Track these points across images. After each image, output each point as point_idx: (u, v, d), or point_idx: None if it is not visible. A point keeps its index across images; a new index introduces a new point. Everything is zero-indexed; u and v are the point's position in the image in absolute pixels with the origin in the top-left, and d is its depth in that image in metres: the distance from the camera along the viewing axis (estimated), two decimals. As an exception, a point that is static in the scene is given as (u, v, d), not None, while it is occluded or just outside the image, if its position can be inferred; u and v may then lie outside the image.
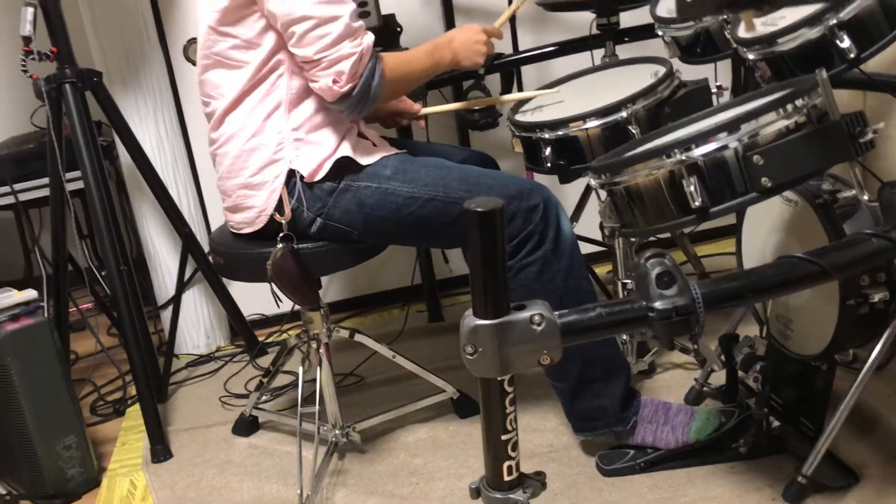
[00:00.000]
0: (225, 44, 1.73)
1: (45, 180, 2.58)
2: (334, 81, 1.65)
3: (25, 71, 2.12)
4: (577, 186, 2.28)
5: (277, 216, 1.77)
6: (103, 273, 2.55)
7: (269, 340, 2.73)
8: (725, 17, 1.59)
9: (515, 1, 2.06)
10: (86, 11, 2.45)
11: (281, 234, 1.77)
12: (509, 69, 2.41)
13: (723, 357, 1.77)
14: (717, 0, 0.87)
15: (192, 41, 2.56)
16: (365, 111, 1.73)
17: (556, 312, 1.05)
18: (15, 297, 2.01)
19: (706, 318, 1.07)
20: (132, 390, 2.42)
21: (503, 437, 1.08)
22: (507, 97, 2.21)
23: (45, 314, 1.99)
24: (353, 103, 1.69)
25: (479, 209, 1.00)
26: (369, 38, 1.68)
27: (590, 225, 2.47)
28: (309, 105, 1.76)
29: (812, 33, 1.37)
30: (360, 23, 1.68)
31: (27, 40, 2.08)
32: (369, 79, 1.68)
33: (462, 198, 1.71)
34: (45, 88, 2.17)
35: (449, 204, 1.73)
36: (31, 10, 2.08)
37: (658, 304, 1.05)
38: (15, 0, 2.13)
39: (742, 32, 1.48)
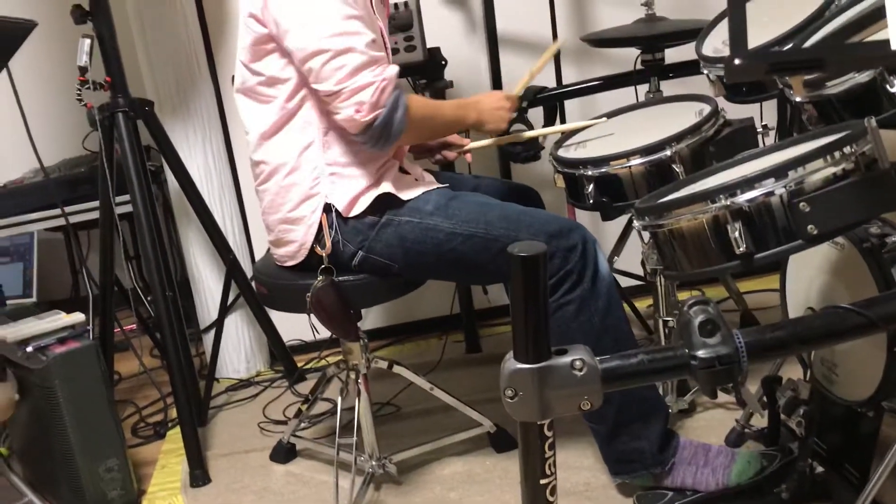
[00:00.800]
0: (253, 80, 1.77)
1: (94, 203, 2.66)
2: (356, 111, 1.65)
3: (80, 100, 2.18)
4: (619, 221, 2.27)
5: (318, 249, 1.79)
6: (148, 296, 2.60)
7: (308, 367, 2.75)
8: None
9: (537, 64, 2.08)
10: (140, 43, 2.52)
11: (322, 267, 1.79)
12: (552, 103, 2.41)
13: (765, 399, 1.74)
14: (765, 66, 0.87)
15: (241, 71, 2.61)
16: (388, 145, 1.72)
17: (598, 358, 1.05)
18: (63, 319, 2.06)
19: (749, 367, 1.06)
20: (173, 412, 2.46)
21: (542, 482, 1.08)
22: (552, 129, 2.22)
23: (91, 336, 2.04)
24: (375, 134, 1.68)
25: (522, 253, 1.00)
26: (392, 69, 1.69)
27: (631, 259, 2.46)
28: (344, 141, 1.77)
29: (861, 77, 1.36)
30: (381, 53, 1.69)
31: (83, 70, 2.15)
32: (392, 111, 1.68)
33: (502, 235, 1.72)
34: (98, 117, 2.23)
35: (489, 241, 1.73)
36: (88, 41, 2.15)
37: (701, 353, 1.04)
38: (72, 31, 2.20)
39: (792, 96, 1.48)
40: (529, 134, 2.19)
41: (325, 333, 1.94)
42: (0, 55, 1.79)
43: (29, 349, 1.95)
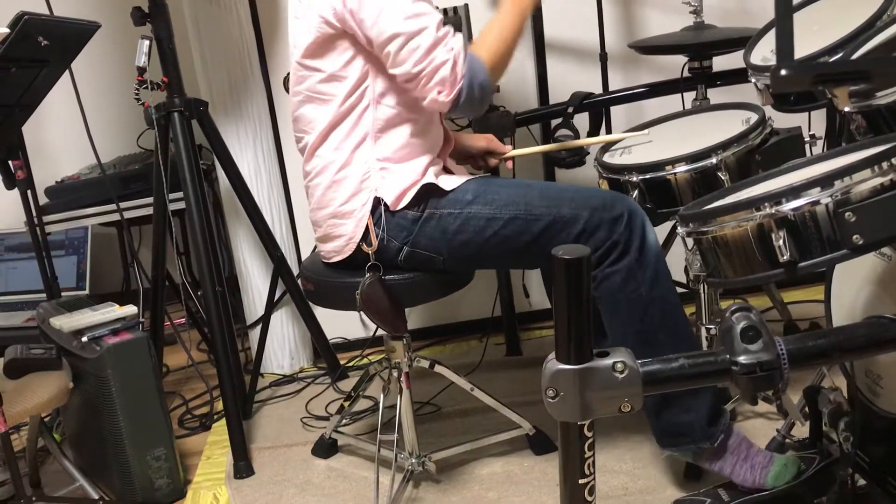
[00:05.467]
0: (313, 78, 1.80)
1: (147, 199, 2.74)
2: (439, 92, 1.71)
3: (138, 99, 2.25)
4: (663, 227, 2.27)
5: (364, 246, 1.83)
6: (198, 291, 2.67)
7: (351, 364, 2.79)
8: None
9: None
10: (195, 45, 2.59)
11: (369, 264, 1.83)
12: (598, 109, 2.42)
13: (807, 409, 1.73)
14: (810, 77, 0.88)
15: (292, 73, 2.67)
16: (484, 105, 1.78)
17: (639, 361, 1.06)
18: (116, 311, 2.12)
19: (790, 374, 1.07)
20: (219, 405, 2.52)
21: (580, 481, 1.10)
22: (594, 140, 2.23)
23: (142, 329, 2.10)
24: (467, 104, 1.74)
25: (565, 256, 1.02)
26: (458, 39, 1.73)
27: (674, 267, 2.45)
28: (394, 136, 1.81)
29: (911, 88, 1.36)
30: (446, 27, 1.72)
31: (141, 71, 2.21)
32: (472, 77, 1.72)
33: (544, 213, 1.73)
34: (154, 116, 2.30)
35: (531, 221, 1.75)
36: (147, 42, 2.22)
37: (742, 359, 1.05)
38: (131, 32, 2.27)
39: (838, 105, 1.47)
40: (571, 144, 2.21)
41: (367, 332, 1.98)
42: (65, 55, 1.86)
43: (84, 339, 2.02)
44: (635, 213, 1.71)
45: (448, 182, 1.83)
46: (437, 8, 1.78)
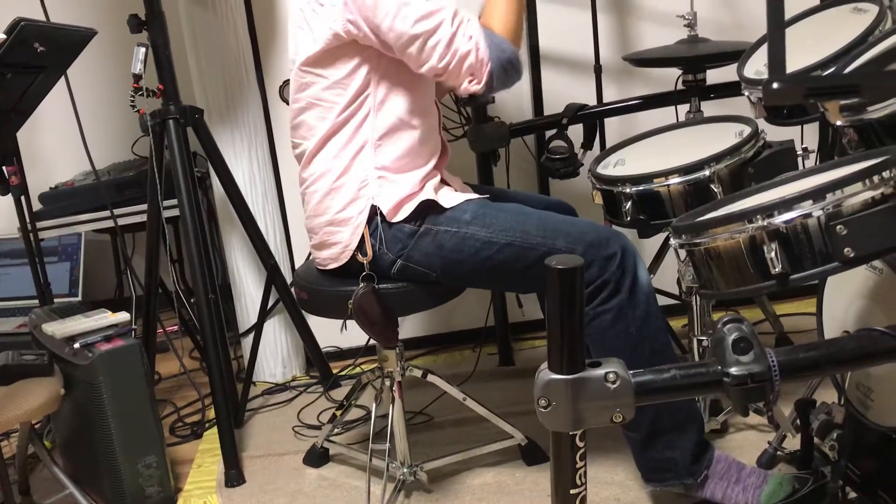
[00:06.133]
0: (317, 85, 1.80)
1: (141, 206, 2.73)
2: (470, 81, 1.73)
3: (134, 106, 2.25)
4: (656, 239, 2.28)
5: (360, 256, 1.83)
6: (191, 299, 2.67)
7: (343, 373, 2.79)
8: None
9: None
10: (192, 53, 2.59)
11: (363, 274, 1.83)
12: (592, 121, 2.43)
13: (798, 422, 1.74)
14: (802, 90, 0.88)
15: (287, 82, 2.67)
16: (519, 74, 1.79)
17: (631, 371, 1.07)
18: (109, 318, 2.12)
19: (782, 386, 1.07)
20: (210, 413, 2.51)
21: (572, 492, 1.10)
22: None
23: (134, 336, 2.09)
24: (499, 82, 1.75)
25: (559, 266, 1.02)
26: (473, 25, 1.73)
27: (666, 278, 2.47)
28: (394, 145, 1.82)
29: (903, 103, 1.37)
30: (461, 16, 1.72)
31: (137, 78, 2.22)
32: (498, 56, 1.73)
33: (540, 244, 1.74)
34: (150, 123, 2.30)
35: (526, 249, 1.76)
36: (143, 49, 2.22)
37: (733, 370, 1.06)
38: (126, 38, 2.28)
39: (829, 119, 1.48)
40: None
41: (359, 341, 1.98)
42: (61, 61, 1.86)
43: (76, 346, 2.01)
44: (628, 252, 1.72)
45: (447, 199, 1.84)
46: None
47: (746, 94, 1.83)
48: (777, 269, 1.27)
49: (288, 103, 2.28)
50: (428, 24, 1.69)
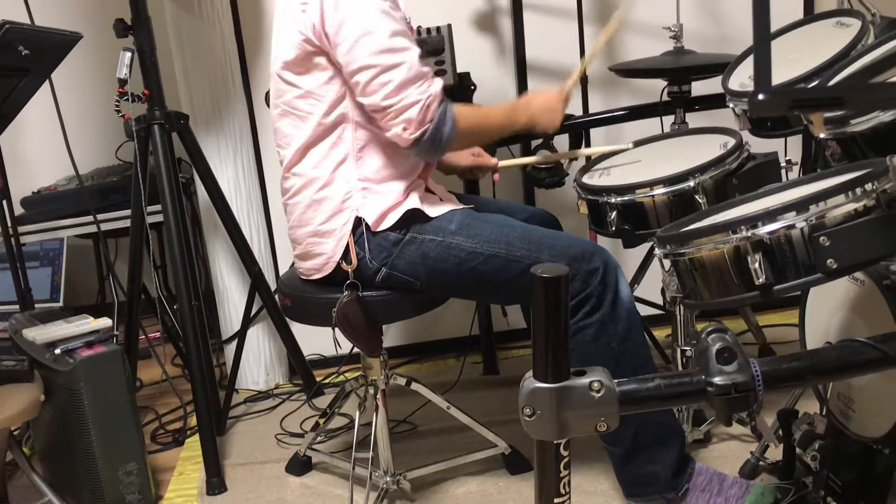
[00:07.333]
0: (290, 93, 1.80)
1: (125, 212, 2.72)
2: (404, 129, 1.71)
3: (119, 111, 2.24)
4: (640, 249, 2.29)
5: (344, 265, 1.83)
6: (174, 305, 2.65)
7: (327, 381, 2.78)
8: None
9: (582, 62, 2.12)
10: (178, 58, 2.58)
11: (347, 282, 1.82)
12: (578, 131, 2.45)
13: (780, 433, 1.74)
14: (787, 102, 0.89)
15: (274, 88, 2.67)
16: (438, 155, 1.79)
17: (616, 381, 1.07)
18: (91, 324, 2.10)
19: (764, 396, 1.08)
20: (192, 421, 2.49)
21: (556, 501, 1.09)
22: (583, 151, 2.25)
23: (116, 342, 2.07)
24: (424, 148, 1.74)
25: (545, 275, 1.03)
26: (437, 84, 1.73)
27: (651, 288, 2.48)
28: (376, 157, 1.81)
29: (885, 116, 1.38)
30: (426, 68, 1.72)
31: (123, 82, 2.20)
32: (440, 125, 1.72)
33: (524, 256, 1.75)
34: (135, 128, 2.29)
35: (511, 261, 1.76)
36: (129, 54, 2.21)
37: (717, 380, 1.06)
38: (112, 43, 2.26)
39: (813, 131, 1.50)
40: (556, 156, 2.22)
41: (344, 349, 1.98)
42: (46, 65, 1.85)
43: (57, 352, 1.99)
44: (610, 267, 1.73)
45: (433, 209, 1.84)
46: (421, 29, 1.79)
47: (731, 106, 1.84)
48: (761, 280, 1.28)
49: (273, 109, 2.28)
50: (386, 60, 1.68)
